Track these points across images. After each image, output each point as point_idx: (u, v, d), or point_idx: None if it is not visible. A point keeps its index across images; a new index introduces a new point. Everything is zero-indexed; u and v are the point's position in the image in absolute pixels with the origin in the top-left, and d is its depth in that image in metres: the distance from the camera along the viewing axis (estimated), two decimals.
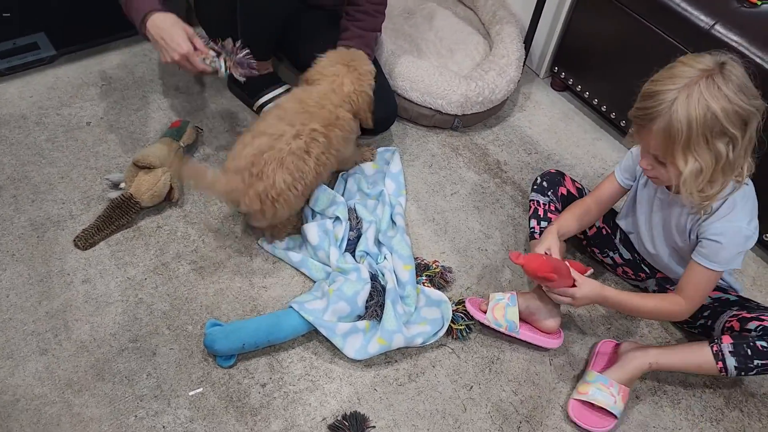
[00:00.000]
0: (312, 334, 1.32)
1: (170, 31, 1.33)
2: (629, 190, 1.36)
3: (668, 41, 1.55)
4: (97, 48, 1.84)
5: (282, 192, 1.30)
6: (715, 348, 1.21)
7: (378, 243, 1.46)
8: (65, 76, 1.76)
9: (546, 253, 1.27)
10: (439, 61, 1.84)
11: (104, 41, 1.83)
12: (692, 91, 1.02)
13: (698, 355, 1.24)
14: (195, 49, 1.34)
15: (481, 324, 1.36)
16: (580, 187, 1.50)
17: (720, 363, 1.20)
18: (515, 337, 1.35)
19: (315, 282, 1.40)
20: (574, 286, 1.25)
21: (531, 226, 1.45)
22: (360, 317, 1.33)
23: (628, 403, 1.29)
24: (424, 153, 1.72)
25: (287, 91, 1.69)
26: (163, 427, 1.17)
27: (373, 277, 1.37)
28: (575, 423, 1.25)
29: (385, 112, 1.63)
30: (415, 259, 1.45)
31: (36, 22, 1.81)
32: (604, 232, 1.47)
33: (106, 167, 1.56)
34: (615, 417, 1.25)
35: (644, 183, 1.31)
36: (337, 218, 1.46)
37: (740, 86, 1.02)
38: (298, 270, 1.43)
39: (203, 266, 1.41)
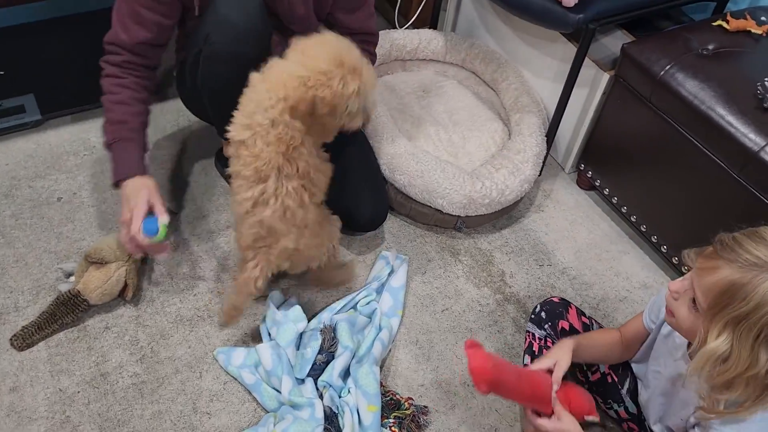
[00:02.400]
0: None
1: (134, 190, 1.25)
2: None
3: (709, 156, 1.32)
4: (86, 113, 1.74)
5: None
6: None
7: (347, 373, 1.27)
8: (47, 142, 1.66)
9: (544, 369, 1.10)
10: (448, 150, 1.66)
11: (93, 107, 1.73)
12: None
13: None
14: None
15: None
16: (588, 322, 1.27)
17: None
18: None
19: (266, 412, 1.22)
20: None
21: (524, 362, 1.23)
22: None
23: None
24: (419, 256, 1.53)
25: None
26: None
27: (330, 418, 1.17)
28: None
29: (373, 211, 1.45)
30: (386, 393, 1.26)
31: (27, 82, 1.74)
32: (609, 380, 1.23)
33: (65, 252, 1.43)
34: None
35: (668, 332, 1.08)
36: (314, 335, 1.29)
37: None
38: (250, 394, 1.26)
39: (145, 381, 1.25)
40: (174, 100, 1.75)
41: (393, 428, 1.20)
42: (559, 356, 1.12)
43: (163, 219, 1.24)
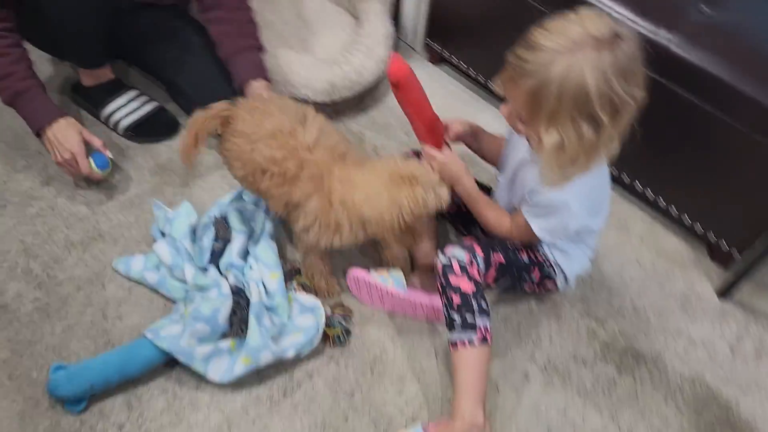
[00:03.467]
0: (174, 362, 1.21)
1: (64, 132, 1.33)
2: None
3: (541, 9, 1.48)
4: None
5: None
6: None
7: (246, 253, 1.35)
8: None
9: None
10: (303, 47, 1.73)
11: None
12: (574, 59, 0.94)
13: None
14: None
15: (364, 302, 1.29)
16: None
17: None
18: (400, 299, 1.29)
19: (175, 303, 1.29)
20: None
21: None
22: (224, 335, 1.22)
23: (519, 384, 1.24)
24: None
25: (136, 97, 1.55)
26: None
27: (238, 291, 1.26)
28: None
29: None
30: (286, 263, 1.36)
31: None
32: (464, 209, 1.40)
33: None
34: None
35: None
36: (207, 225, 1.35)
37: (625, 70, 0.95)
38: (158, 292, 1.31)
39: (48, 303, 1.27)
40: None
41: (298, 290, 1.31)
42: (464, 119, 1.29)
43: (107, 153, 1.39)
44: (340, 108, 1.67)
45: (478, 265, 1.19)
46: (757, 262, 1.34)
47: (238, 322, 1.22)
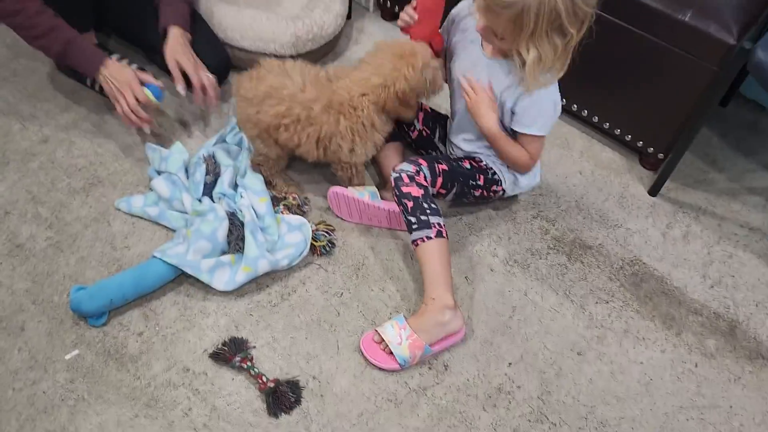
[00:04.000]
0: (182, 279, 1.36)
1: (118, 68, 1.48)
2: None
3: None
4: None
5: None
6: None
7: (235, 185, 1.51)
8: None
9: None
10: (267, 7, 1.89)
11: None
12: None
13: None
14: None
15: (342, 218, 1.49)
16: None
17: None
18: (375, 208, 1.46)
19: (176, 231, 1.44)
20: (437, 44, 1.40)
21: None
22: (224, 252, 1.38)
23: (485, 275, 1.44)
24: None
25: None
26: (44, 392, 1.19)
27: (231, 215, 1.42)
28: (363, 352, 1.28)
29: (215, 59, 1.66)
30: (269, 191, 1.52)
31: None
32: (425, 134, 1.59)
33: None
34: (397, 361, 1.26)
35: (471, 40, 1.38)
36: (198, 163, 1.50)
37: None
38: (159, 224, 1.46)
39: (60, 240, 1.41)
40: None
41: (285, 212, 1.47)
42: None
43: (159, 83, 1.51)
44: (305, 59, 1.83)
45: (424, 174, 1.37)
46: (677, 161, 1.57)
47: (235, 240, 1.38)
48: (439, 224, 1.33)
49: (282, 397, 1.20)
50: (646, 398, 1.29)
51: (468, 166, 1.45)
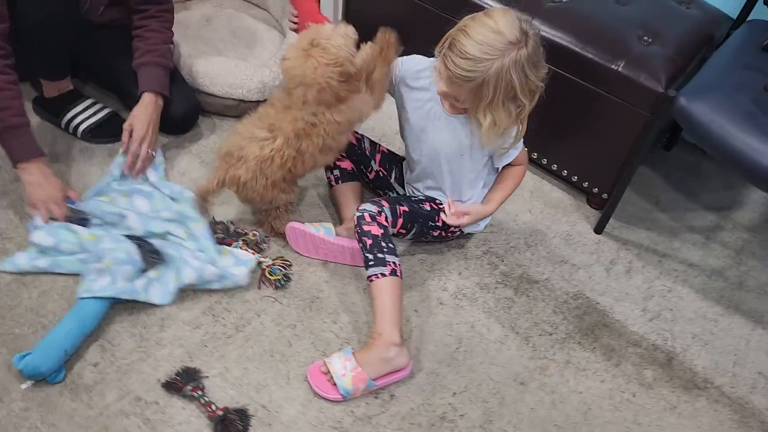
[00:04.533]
0: (140, 311, 1.41)
1: (45, 172, 1.50)
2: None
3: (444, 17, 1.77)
4: None
5: (246, 182, 1.45)
6: None
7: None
8: None
9: None
10: (238, 57, 2.00)
11: None
12: (503, 64, 1.23)
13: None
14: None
15: (299, 253, 1.58)
16: (359, 136, 1.66)
17: None
18: (330, 243, 1.53)
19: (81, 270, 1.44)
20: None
21: (327, 176, 1.69)
22: (143, 270, 1.43)
23: (434, 308, 1.50)
24: None
25: (93, 104, 1.78)
26: None
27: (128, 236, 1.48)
28: (308, 381, 1.33)
29: (186, 107, 1.75)
30: (233, 226, 1.59)
31: None
32: (381, 175, 1.68)
33: None
34: (339, 392, 1.31)
35: (428, 99, 1.46)
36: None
37: (535, 62, 1.27)
38: (59, 274, 1.45)
39: None
40: None
41: (242, 247, 1.54)
42: None
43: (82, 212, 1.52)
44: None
45: (385, 214, 1.45)
46: (618, 200, 1.66)
47: (146, 253, 1.43)
48: (394, 263, 1.40)
49: (230, 425, 1.24)
50: (584, 426, 1.34)
51: (428, 208, 1.53)
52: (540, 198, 1.82)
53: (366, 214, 1.43)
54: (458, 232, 1.60)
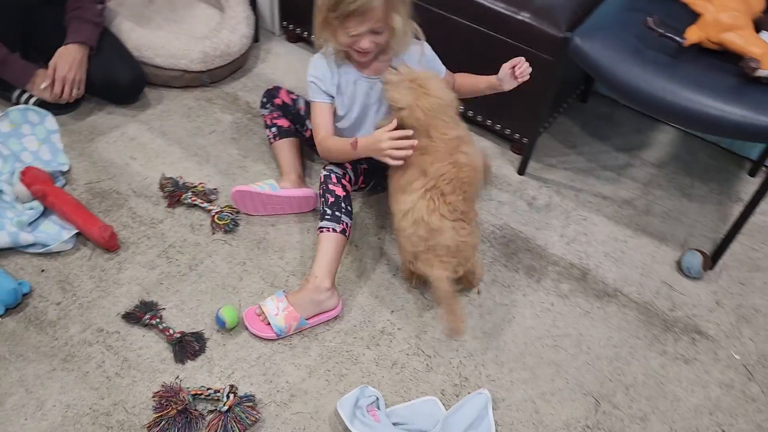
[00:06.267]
0: (96, 257, 1.52)
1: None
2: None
3: None
4: None
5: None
6: None
7: None
8: None
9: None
10: (178, 32, 2.12)
11: None
12: None
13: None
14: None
15: (246, 213, 1.68)
16: (295, 97, 1.80)
17: None
18: (276, 197, 1.65)
19: None
20: None
21: (267, 134, 1.78)
22: None
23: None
24: (181, 107, 1.98)
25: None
26: None
27: None
28: (245, 323, 1.42)
29: (130, 74, 1.87)
30: (181, 180, 1.71)
31: None
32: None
33: None
34: (273, 330, 1.41)
35: (354, 80, 1.58)
36: None
37: None
38: None
39: None
40: None
41: (192, 198, 1.66)
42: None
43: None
44: (216, 75, 2.06)
45: (349, 175, 1.58)
46: (534, 141, 1.84)
47: None
48: (347, 224, 1.51)
49: (187, 345, 1.36)
50: (508, 332, 1.51)
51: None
52: None
53: (333, 175, 1.54)
54: None
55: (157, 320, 1.40)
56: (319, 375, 1.37)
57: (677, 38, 1.48)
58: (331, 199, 1.53)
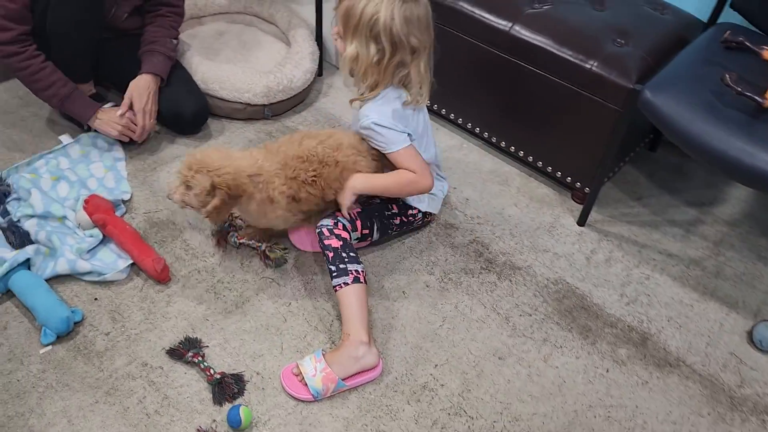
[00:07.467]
0: (147, 287, 1.54)
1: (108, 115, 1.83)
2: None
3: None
4: None
5: None
6: None
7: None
8: None
9: None
10: (246, 65, 2.16)
11: None
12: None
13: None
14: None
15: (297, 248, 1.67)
16: None
17: None
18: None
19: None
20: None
21: None
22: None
23: (420, 291, 1.60)
24: (242, 140, 2.01)
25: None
26: (18, 380, 1.35)
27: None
28: (281, 382, 1.39)
29: (195, 106, 1.91)
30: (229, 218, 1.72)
31: None
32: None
33: None
34: (310, 392, 1.36)
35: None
36: None
37: (412, 20, 1.38)
38: None
39: None
40: None
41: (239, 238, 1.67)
42: None
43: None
44: (278, 109, 2.08)
45: (342, 224, 1.53)
46: (597, 191, 1.76)
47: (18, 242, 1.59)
48: (356, 271, 1.47)
49: (226, 387, 1.36)
50: (558, 397, 1.43)
51: (378, 200, 1.63)
52: (527, 194, 1.92)
53: (324, 229, 1.51)
54: (418, 212, 1.67)
55: (200, 359, 1.40)
56: (356, 429, 1.33)
57: (757, 98, 1.38)
58: (331, 255, 1.48)
